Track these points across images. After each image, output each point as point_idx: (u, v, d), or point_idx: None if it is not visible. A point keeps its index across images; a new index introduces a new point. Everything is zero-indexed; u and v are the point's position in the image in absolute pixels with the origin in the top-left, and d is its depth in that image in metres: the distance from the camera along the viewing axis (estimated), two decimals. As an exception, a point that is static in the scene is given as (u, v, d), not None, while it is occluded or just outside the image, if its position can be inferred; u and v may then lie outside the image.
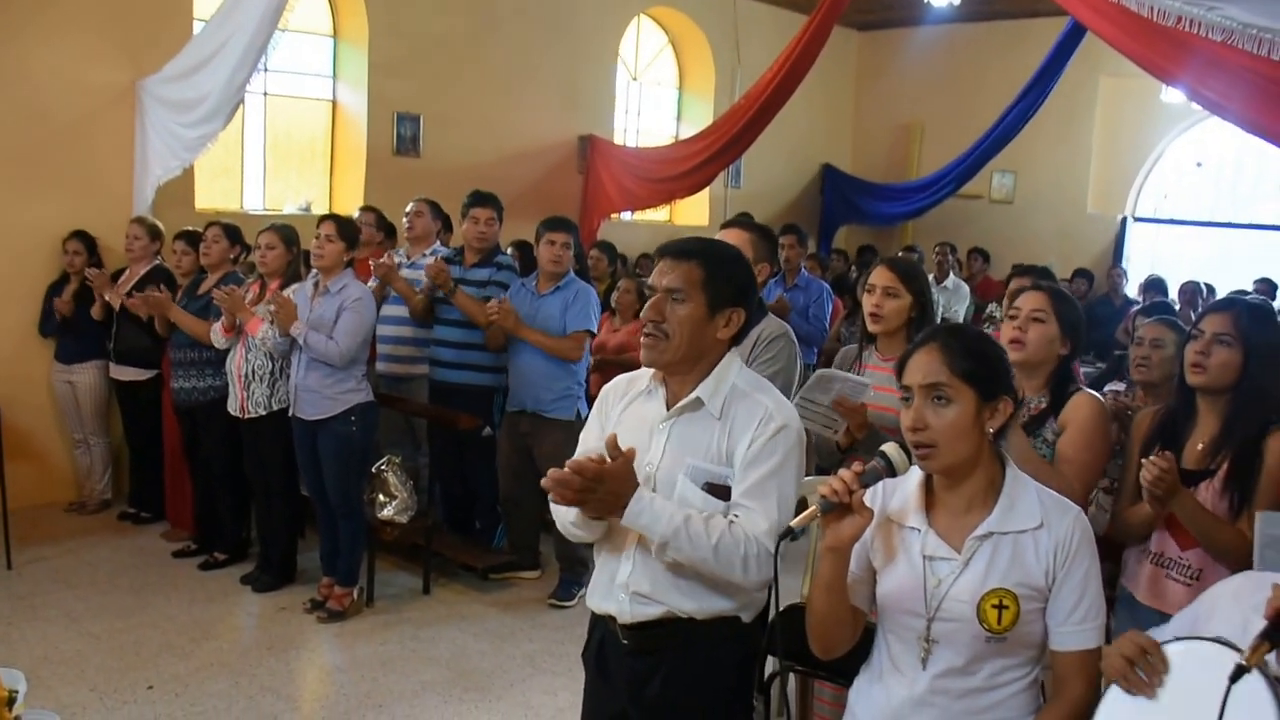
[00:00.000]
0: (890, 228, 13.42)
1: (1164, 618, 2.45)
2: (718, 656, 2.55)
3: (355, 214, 7.08)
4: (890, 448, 2.16)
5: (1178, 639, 1.78)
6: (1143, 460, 2.87)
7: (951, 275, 9.50)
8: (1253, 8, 4.00)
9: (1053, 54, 10.02)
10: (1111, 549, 3.33)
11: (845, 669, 2.47)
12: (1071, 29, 9.38)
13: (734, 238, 3.88)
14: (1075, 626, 2.16)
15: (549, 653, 5.20)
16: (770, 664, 2.99)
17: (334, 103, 9.36)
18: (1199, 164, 12.59)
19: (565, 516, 2.54)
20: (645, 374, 2.63)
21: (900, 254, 8.79)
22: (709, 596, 2.50)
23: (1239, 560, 2.83)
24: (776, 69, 9.15)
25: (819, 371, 3.60)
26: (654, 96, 12.46)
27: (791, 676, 3.27)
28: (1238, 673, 1.57)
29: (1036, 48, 10.49)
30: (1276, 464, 2.85)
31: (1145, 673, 1.77)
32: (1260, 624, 1.59)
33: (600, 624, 2.69)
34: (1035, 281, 3.37)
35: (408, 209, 6.53)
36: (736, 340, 2.58)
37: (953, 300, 9.00)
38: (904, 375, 2.22)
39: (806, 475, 2.68)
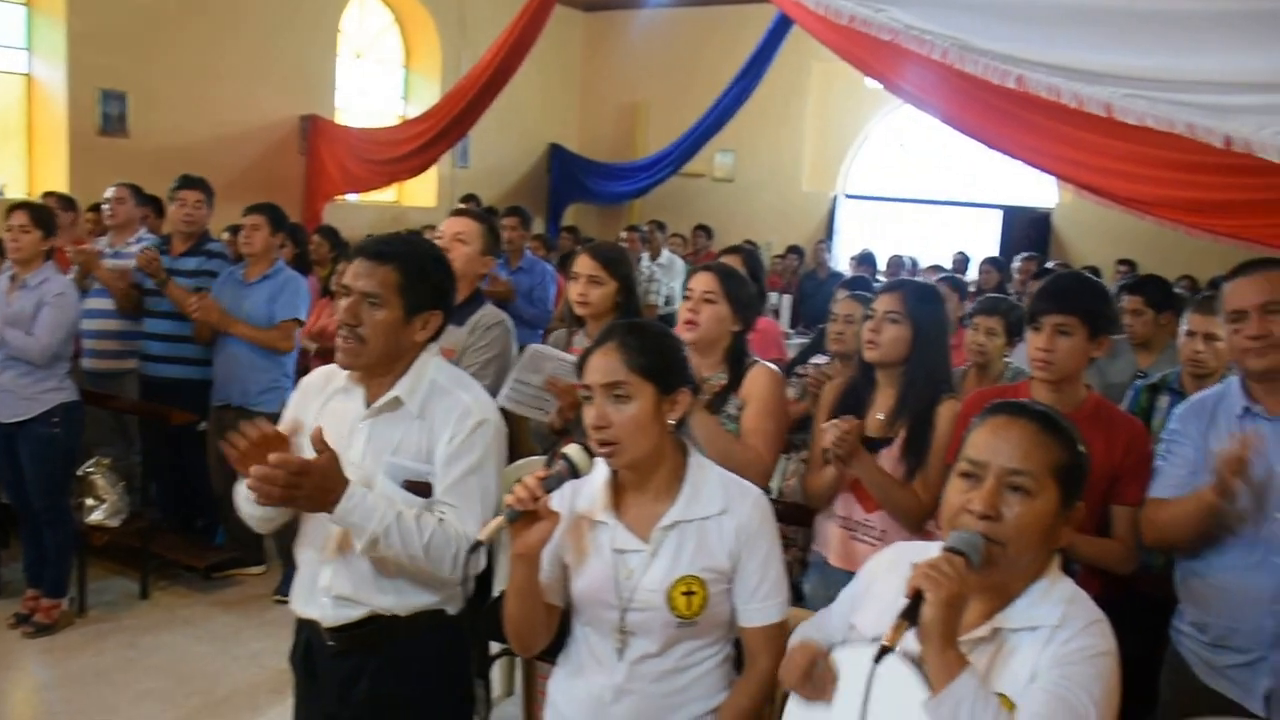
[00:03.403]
0: (617, 206, 13.65)
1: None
2: (424, 651, 2.55)
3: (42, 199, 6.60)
4: (572, 449, 2.17)
5: (842, 644, 1.89)
6: (824, 425, 3.06)
7: (665, 251, 9.74)
8: (914, 10, 4.25)
9: (766, 39, 10.42)
10: (806, 515, 3.54)
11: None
12: (782, 16, 9.77)
13: (465, 227, 3.87)
14: (760, 604, 2.27)
15: (276, 651, 5.03)
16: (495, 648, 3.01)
17: (29, 77, 8.69)
18: (902, 145, 13.43)
19: (246, 501, 2.49)
20: (341, 371, 2.58)
21: (622, 236, 8.96)
22: (411, 593, 2.50)
23: (916, 520, 3.09)
24: (497, 49, 9.14)
25: (530, 347, 3.58)
26: (379, 76, 12.20)
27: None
28: (881, 654, 1.64)
29: (754, 32, 10.87)
30: (946, 430, 3.09)
31: (816, 685, 1.86)
32: (903, 601, 1.69)
33: (305, 626, 2.64)
34: (708, 263, 3.51)
35: (107, 194, 6.13)
36: (436, 337, 2.57)
37: (667, 275, 9.23)
38: (584, 375, 2.24)
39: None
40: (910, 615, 1.65)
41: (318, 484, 2.29)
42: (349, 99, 11.65)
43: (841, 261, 11.94)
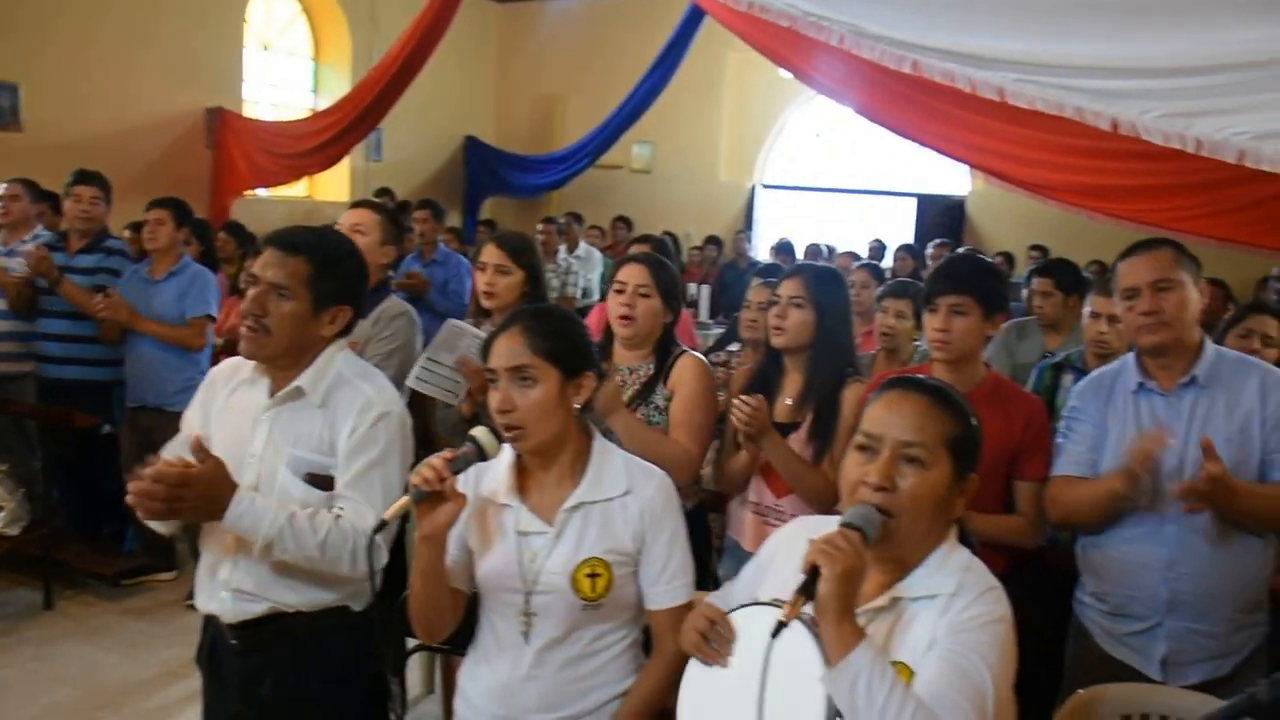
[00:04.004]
0: (535, 199, 13.58)
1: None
2: (330, 648, 2.52)
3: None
4: (480, 431, 2.18)
5: (741, 605, 1.89)
6: (733, 402, 3.07)
7: (583, 243, 9.71)
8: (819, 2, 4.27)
9: (680, 29, 10.42)
10: (721, 501, 3.55)
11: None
12: (694, 7, 9.77)
13: (361, 219, 3.82)
14: (666, 585, 2.29)
15: (189, 658, 4.88)
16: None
17: (-93, 67, 8.38)
18: (818, 134, 13.54)
19: None
20: (249, 361, 2.54)
21: (542, 228, 8.91)
22: (315, 589, 2.46)
23: (825, 501, 3.09)
24: (407, 39, 9.05)
25: (449, 322, 3.55)
26: (288, 67, 12.00)
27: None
28: (777, 629, 1.67)
29: (670, 22, 10.83)
30: (851, 413, 3.11)
31: (716, 643, 1.86)
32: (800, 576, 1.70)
33: (211, 624, 2.60)
34: (635, 254, 3.49)
35: (-1, 192, 5.97)
36: (345, 333, 2.54)
37: (585, 268, 9.21)
38: (490, 359, 2.25)
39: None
40: (807, 590, 1.66)
41: (202, 494, 2.25)
42: (257, 91, 11.43)
43: (761, 251, 12.02)
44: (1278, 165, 3.51)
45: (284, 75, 11.94)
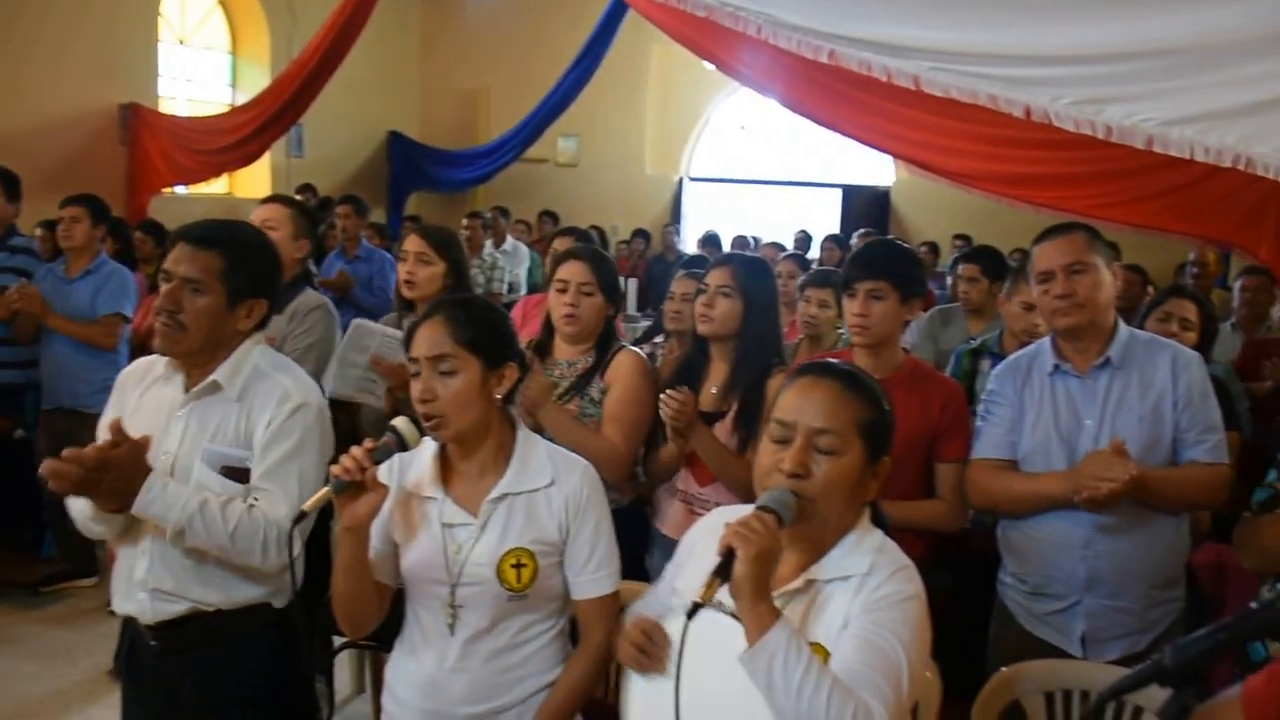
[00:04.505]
0: (461, 194, 13.47)
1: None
2: (252, 647, 2.49)
3: None
4: (400, 421, 2.17)
5: (670, 612, 1.92)
6: (661, 396, 3.07)
7: (509, 238, 9.67)
8: None
9: (603, 22, 10.37)
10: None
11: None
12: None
13: (271, 214, 3.79)
14: (591, 575, 2.29)
15: (111, 666, 4.86)
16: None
17: None
18: (743, 127, 13.62)
19: (81, 511, 2.41)
20: (164, 359, 2.51)
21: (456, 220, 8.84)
22: (235, 586, 2.43)
23: (750, 490, 3.09)
24: (326, 32, 8.93)
25: (354, 323, 3.53)
26: (205, 62, 11.78)
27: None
28: (693, 610, 1.68)
29: (594, 14, 10.73)
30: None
31: (651, 654, 1.88)
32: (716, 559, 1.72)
33: (130, 626, 2.56)
34: (576, 249, 3.48)
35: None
36: (261, 326, 2.52)
37: (511, 263, 9.16)
38: (411, 348, 2.24)
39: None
40: (723, 572, 1.68)
41: (118, 477, 2.23)
42: (173, 87, 11.20)
43: (689, 244, 12.05)
44: (1184, 150, 3.58)
45: (201, 70, 11.72)
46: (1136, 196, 6.28)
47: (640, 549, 3.36)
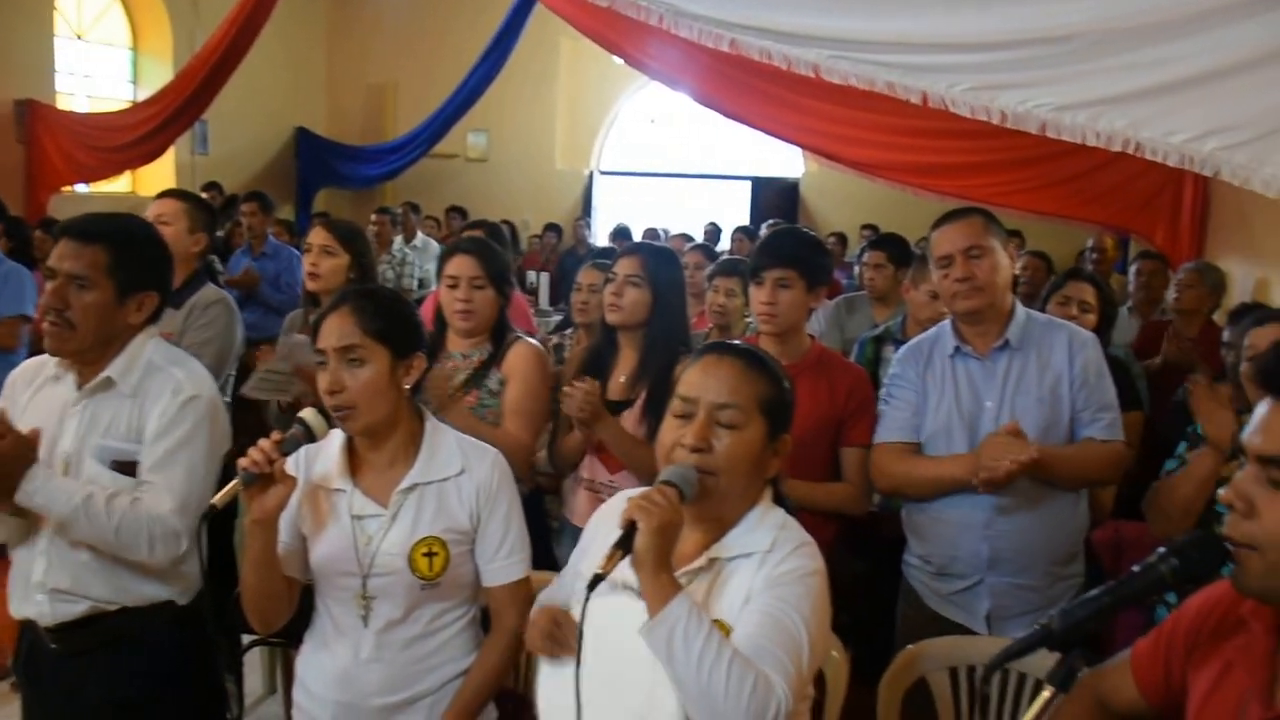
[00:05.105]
0: (370, 190, 13.30)
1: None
2: (157, 647, 2.45)
3: None
4: (308, 413, 2.16)
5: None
6: (565, 389, 3.08)
7: (420, 234, 9.59)
8: None
9: (510, 15, 10.33)
10: (560, 483, 3.55)
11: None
12: (525, -9, 9.73)
13: (164, 209, 3.75)
14: (503, 562, 2.30)
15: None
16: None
17: None
18: (652, 120, 13.67)
19: None
20: (52, 359, 2.46)
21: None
22: (136, 584, 2.40)
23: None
24: (228, 25, 8.82)
25: (283, 340, 3.52)
26: (105, 58, 11.49)
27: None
28: (594, 581, 1.69)
29: (502, 7, 10.69)
30: None
31: (560, 642, 1.89)
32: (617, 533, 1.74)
33: (27, 629, 2.49)
34: (462, 243, 3.47)
35: None
36: (153, 319, 2.48)
37: (422, 258, 9.08)
38: (319, 339, 2.22)
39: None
40: (624, 545, 1.70)
41: (2, 468, 2.20)
42: (72, 83, 10.91)
43: (600, 238, 12.06)
44: (1076, 135, 3.65)
45: (101, 67, 11.43)
46: (1038, 184, 6.47)
47: (540, 538, 3.36)
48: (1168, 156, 3.56)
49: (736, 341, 2.10)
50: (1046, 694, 1.40)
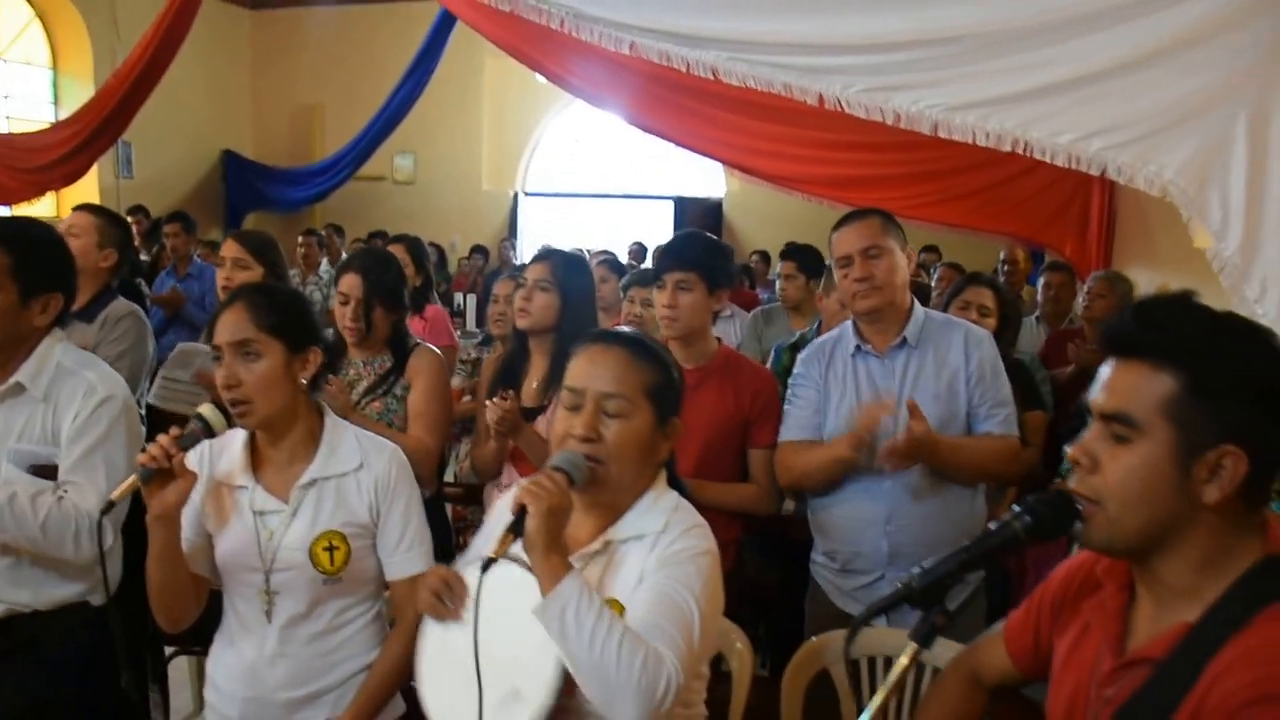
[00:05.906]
0: (298, 213, 13.21)
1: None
2: (75, 650, 2.46)
3: None
4: (206, 408, 2.17)
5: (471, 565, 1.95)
6: (486, 402, 3.12)
7: (324, 262, 9.53)
8: None
9: (431, 35, 10.31)
10: (477, 493, 3.61)
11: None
12: (445, 11, 9.71)
13: (75, 221, 3.78)
14: (404, 555, 2.33)
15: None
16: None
17: None
18: (576, 140, 13.74)
19: None
20: None
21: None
22: (50, 585, 2.41)
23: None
24: (147, 43, 8.72)
25: (179, 345, 3.55)
26: (23, 77, 11.33)
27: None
28: (487, 564, 1.73)
29: (425, 28, 10.64)
30: None
31: (451, 601, 1.90)
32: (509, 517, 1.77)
33: None
34: (350, 261, 3.52)
35: None
36: (60, 322, 2.49)
37: (331, 287, 8.99)
38: (214, 335, 2.25)
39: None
40: (516, 528, 1.73)
41: None
42: (-12, 105, 10.76)
43: (526, 258, 11.98)
44: (967, 135, 3.73)
45: (20, 87, 11.28)
46: (951, 196, 6.58)
47: (444, 541, 3.40)
48: (1055, 156, 3.67)
49: (622, 329, 2.15)
50: (910, 650, 1.47)
